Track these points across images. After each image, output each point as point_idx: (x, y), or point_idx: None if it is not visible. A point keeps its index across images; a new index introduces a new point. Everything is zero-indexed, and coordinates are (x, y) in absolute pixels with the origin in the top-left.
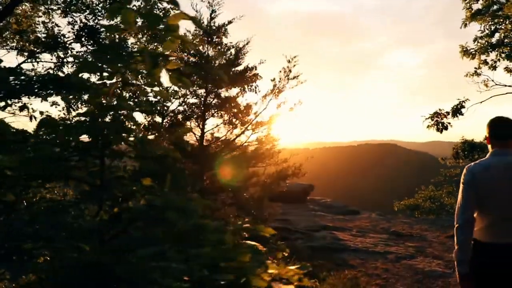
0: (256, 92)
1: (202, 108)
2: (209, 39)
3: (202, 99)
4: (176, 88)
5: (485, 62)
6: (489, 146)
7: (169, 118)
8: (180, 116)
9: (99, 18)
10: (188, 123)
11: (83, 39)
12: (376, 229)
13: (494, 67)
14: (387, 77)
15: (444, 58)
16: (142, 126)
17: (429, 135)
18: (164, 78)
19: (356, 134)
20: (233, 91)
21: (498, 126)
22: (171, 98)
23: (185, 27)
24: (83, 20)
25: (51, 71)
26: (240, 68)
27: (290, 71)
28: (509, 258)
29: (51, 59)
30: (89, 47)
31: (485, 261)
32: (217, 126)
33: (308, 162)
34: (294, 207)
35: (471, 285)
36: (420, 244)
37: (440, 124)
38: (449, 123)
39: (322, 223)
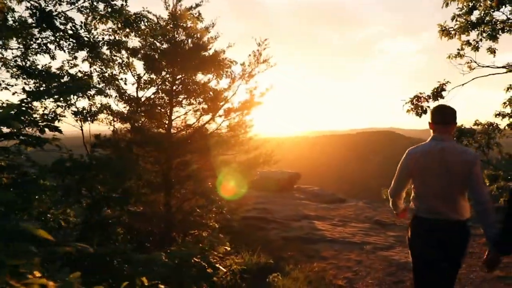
0: (230, 78)
1: (170, 95)
2: (175, 22)
3: (169, 85)
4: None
5: (468, 43)
6: (431, 131)
7: (135, 106)
8: (148, 104)
9: (58, 3)
10: (157, 110)
11: (44, 24)
12: (360, 218)
13: (476, 48)
14: (386, 64)
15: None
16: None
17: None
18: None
19: (355, 122)
20: (203, 77)
21: (438, 113)
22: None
23: (156, 12)
24: (42, 5)
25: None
26: (209, 52)
27: (260, 54)
28: (438, 231)
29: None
30: (49, 33)
31: (420, 233)
32: (185, 113)
33: (308, 151)
34: (278, 196)
35: (406, 214)
36: (402, 234)
37: (420, 108)
38: (428, 106)
39: (304, 212)
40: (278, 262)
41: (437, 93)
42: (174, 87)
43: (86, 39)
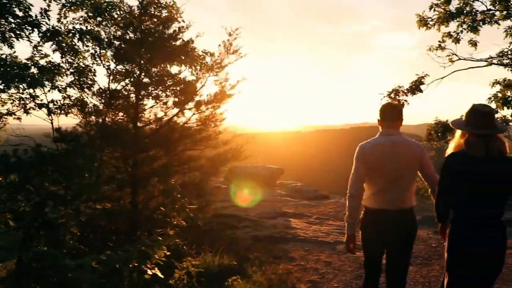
0: (200, 70)
1: (137, 87)
2: (142, 10)
3: (136, 76)
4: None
5: (449, 35)
6: (380, 127)
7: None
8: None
9: None
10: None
11: None
12: (339, 215)
13: (457, 40)
14: (382, 59)
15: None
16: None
17: (421, 118)
18: None
19: (350, 117)
20: (173, 69)
21: (386, 110)
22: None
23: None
24: None
25: None
26: (178, 42)
27: (230, 44)
28: (391, 220)
29: None
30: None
31: (371, 223)
32: (152, 106)
33: (300, 146)
34: (259, 192)
35: (354, 244)
36: None
37: (397, 102)
38: (406, 100)
39: (282, 210)
40: (243, 264)
41: (416, 86)
42: (142, 79)
43: (47, 27)
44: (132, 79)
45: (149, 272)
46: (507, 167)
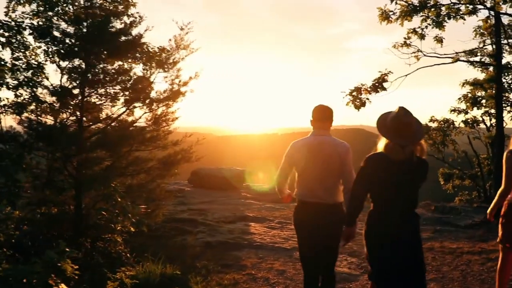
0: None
1: (82, 84)
2: (89, 3)
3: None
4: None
5: (414, 31)
6: (312, 127)
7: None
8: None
9: None
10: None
11: None
12: None
13: (422, 36)
14: (357, 62)
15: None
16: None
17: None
18: None
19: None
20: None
21: (318, 112)
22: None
23: None
24: None
25: None
26: (128, 37)
27: (182, 39)
28: (318, 213)
29: None
30: None
31: (303, 215)
32: (99, 104)
33: (275, 148)
34: (223, 195)
35: (290, 198)
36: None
37: (359, 101)
38: (367, 99)
39: (244, 213)
40: (187, 273)
41: (379, 84)
42: (88, 75)
43: None
44: (77, 76)
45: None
46: (421, 169)
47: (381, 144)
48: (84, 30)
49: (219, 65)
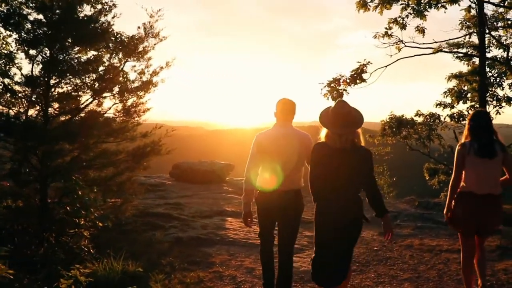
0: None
1: (47, 73)
2: None
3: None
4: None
5: (395, 21)
6: (276, 119)
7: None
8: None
9: None
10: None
11: None
12: None
13: (403, 26)
14: (347, 57)
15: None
16: None
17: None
18: None
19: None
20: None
21: (281, 105)
22: None
23: None
24: None
25: None
26: (97, 25)
27: (152, 27)
28: (279, 198)
29: None
30: None
31: (264, 201)
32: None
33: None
34: (204, 189)
35: (251, 219)
36: None
37: (336, 92)
38: (345, 89)
39: (223, 208)
40: (151, 270)
41: (357, 75)
42: (55, 64)
43: None
44: (43, 64)
45: None
46: (357, 156)
47: (323, 133)
48: (50, 16)
49: (210, 60)
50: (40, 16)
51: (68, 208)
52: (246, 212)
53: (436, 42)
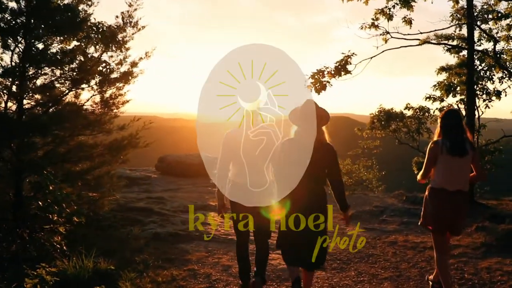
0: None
1: (22, 63)
2: None
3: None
4: None
5: (382, 12)
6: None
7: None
8: None
9: None
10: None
11: None
12: None
13: (390, 17)
14: (343, 50)
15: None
16: None
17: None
18: None
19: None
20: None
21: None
22: None
23: None
24: None
25: None
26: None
27: (131, 16)
28: (246, 190)
29: None
30: None
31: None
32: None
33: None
34: (190, 182)
35: (224, 210)
36: None
37: (319, 84)
38: (328, 81)
39: (207, 202)
40: (124, 268)
41: (342, 67)
42: (30, 54)
43: None
44: (18, 55)
45: None
46: (323, 151)
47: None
48: (26, 5)
49: (203, 52)
50: (14, 4)
51: (40, 203)
52: (220, 205)
53: (422, 33)
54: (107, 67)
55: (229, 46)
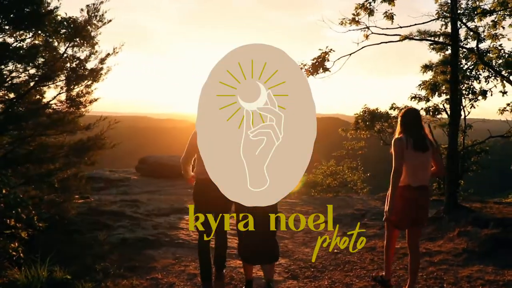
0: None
1: None
2: None
3: None
4: None
5: (363, 6)
6: None
7: None
8: None
9: None
10: None
11: None
12: None
13: (371, 11)
14: (336, 49)
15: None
16: None
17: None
18: None
19: None
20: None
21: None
22: None
23: None
24: None
25: None
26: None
27: (96, 9)
28: (209, 187)
29: None
30: None
31: (200, 189)
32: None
33: None
34: (171, 184)
35: (192, 178)
36: (281, 235)
37: None
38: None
39: (184, 205)
40: (82, 277)
41: (319, 64)
42: None
43: None
44: None
45: None
46: None
47: None
48: None
49: (199, 51)
50: None
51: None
52: (188, 178)
53: (401, 27)
54: (74, 63)
55: (226, 45)
